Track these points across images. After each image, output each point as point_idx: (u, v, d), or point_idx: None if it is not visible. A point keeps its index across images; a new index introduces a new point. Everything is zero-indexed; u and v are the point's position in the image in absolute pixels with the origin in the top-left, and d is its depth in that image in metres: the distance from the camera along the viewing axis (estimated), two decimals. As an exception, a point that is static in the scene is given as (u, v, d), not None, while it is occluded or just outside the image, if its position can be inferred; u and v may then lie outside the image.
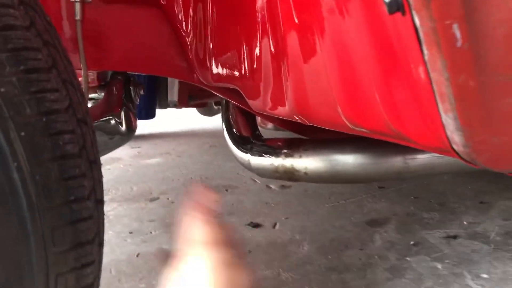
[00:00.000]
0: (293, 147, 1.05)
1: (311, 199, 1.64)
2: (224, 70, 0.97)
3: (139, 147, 2.69)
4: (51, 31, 0.43)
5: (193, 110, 2.65)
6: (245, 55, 0.88)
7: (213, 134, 2.96)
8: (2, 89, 0.35)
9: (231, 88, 1.07)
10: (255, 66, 0.85)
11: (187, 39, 1.05)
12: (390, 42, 0.40)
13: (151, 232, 1.42)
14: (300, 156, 1.03)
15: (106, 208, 1.73)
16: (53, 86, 0.38)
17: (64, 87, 0.40)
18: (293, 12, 0.65)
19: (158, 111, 1.82)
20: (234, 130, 1.27)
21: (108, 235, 1.42)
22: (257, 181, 1.89)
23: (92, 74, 1.18)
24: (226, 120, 1.29)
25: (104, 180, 1.63)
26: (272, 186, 1.81)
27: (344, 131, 0.74)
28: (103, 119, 1.13)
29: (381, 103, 0.49)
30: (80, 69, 0.98)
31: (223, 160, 2.28)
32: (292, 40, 0.68)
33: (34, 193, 0.36)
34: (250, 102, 0.94)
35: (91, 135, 0.44)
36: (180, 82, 1.50)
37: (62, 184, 0.38)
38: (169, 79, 1.59)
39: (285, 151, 1.06)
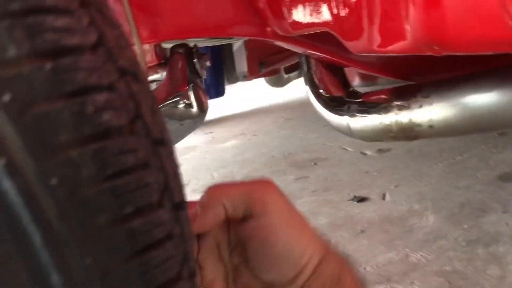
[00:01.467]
0: (407, 96, 0.82)
1: (419, 161, 1.39)
2: (308, 10, 0.76)
3: (211, 132, 2.56)
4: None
5: (262, 88, 2.46)
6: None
7: (286, 108, 2.75)
8: None
9: (314, 37, 0.86)
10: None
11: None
12: None
13: (242, 222, 1.26)
14: (420, 106, 0.79)
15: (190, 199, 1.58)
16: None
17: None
18: None
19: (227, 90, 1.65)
20: (322, 90, 1.05)
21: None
22: (349, 149, 1.66)
23: (150, 51, 1.02)
24: (310, 81, 1.08)
25: (183, 170, 1.49)
26: (368, 152, 1.58)
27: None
28: (170, 101, 0.97)
29: None
30: (133, 44, 0.82)
31: (304, 133, 2.07)
32: None
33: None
34: (348, 44, 0.72)
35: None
36: (248, 49, 1.31)
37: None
38: (235, 49, 1.41)
39: (398, 103, 0.83)
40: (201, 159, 2.02)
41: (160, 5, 0.82)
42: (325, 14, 0.72)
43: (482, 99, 0.73)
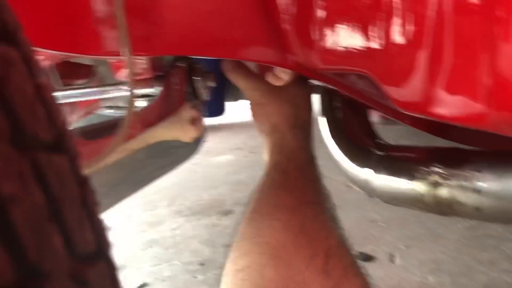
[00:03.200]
0: (451, 163, 0.65)
1: (433, 216, 1.23)
2: (345, 44, 0.59)
3: (206, 140, 2.39)
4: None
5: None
6: (393, 10, 0.49)
7: (288, 124, 2.59)
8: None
9: (349, 74, 0.70)
10: (412, 29, 0.47)
11: (280, 1, 0.69)
12: None
13: (227, 265, 1.09)
14: (468, 181, 0.63)
15: (172, 224, 1.44)
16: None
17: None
18: None
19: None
20: (343, 134, 0.90)
21: (174, 267, 1.12)
22: (354, 187, 1.50)
23: (144, 62, 0.85)
24: (330, 120, 0.92)
25: (169, 184, 1.31)
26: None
27: None
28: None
29: None
30: (121, 55, 0.65)
31: (305, 157, 1.90)
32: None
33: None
34: (396, 101, 0.55)
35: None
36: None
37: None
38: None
39: (437, 169, 0.66)
40: (191, 173, 1.85)
41: (162, 13, 0.66)
42: (371, 54, 0.55)
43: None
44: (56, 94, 0.84)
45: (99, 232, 0.16)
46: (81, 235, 0.14)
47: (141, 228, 1.37)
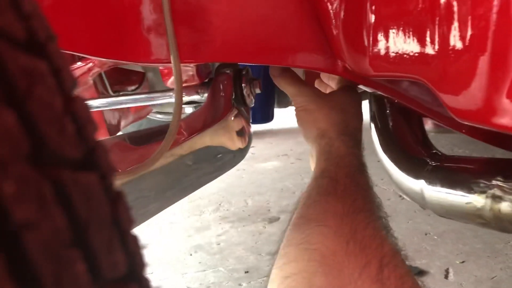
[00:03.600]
0: (513, 175, 0.61)
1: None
2: (398, 50, 0.56)
3: (253, 146, 2.39)
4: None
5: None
6: (452, 13, 0.46)
7: (336, 130, 2.55)
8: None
9: (401, 80, 0.67)
10: (474, 33, 0.43)
11: (329, 7, 0.67)
12: None
13: (272, 274, 1.08)
14: (534, 196, 0.58)
15: (217, 230, 1.45)
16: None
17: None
18: None
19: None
20: (395, 143, 0.86)
21: (218, 273, 1.11)
22: (406, 197, 1.45)
23: (191, 69, 0.86)
24: (380, 127, 0.89)
25: (215, 190, 1.31)
26: (428, 206, 1.36)
27: None
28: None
29: None
30: (170, 63, 0.65)
31: (353, 165, 1.86)
32: None
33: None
34: (452, 104, 0.52)
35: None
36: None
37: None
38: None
39: (498, 182, 0.62)
40: (237, 179, 1.85)
41: (211, 20, 0.65)
42: (427, 60, 0.52)
43: None
44: (98, 103, 0.86)
45: (131, 252, 0.15)
46: (110, 258, 0.13)
47: (188, 233, 1.38)
